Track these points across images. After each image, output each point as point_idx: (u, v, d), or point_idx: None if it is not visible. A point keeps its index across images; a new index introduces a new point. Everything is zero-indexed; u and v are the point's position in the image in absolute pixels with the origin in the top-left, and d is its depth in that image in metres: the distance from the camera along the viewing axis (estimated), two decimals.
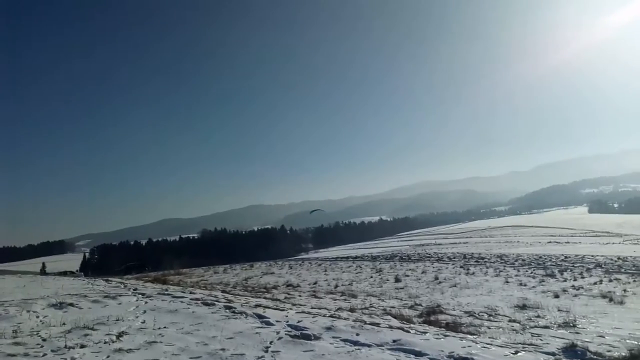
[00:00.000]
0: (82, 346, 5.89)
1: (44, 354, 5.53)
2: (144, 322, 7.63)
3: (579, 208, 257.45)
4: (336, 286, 19.25)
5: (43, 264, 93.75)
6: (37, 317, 7.98)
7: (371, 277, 22.83)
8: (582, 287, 16.00)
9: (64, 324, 7.23)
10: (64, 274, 39.92)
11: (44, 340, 6.15)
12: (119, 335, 6.54)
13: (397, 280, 20.41)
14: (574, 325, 9.38)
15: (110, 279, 19.86)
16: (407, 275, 22.34)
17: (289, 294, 15.93)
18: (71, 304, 9.21)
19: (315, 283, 20.62)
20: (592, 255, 30.74)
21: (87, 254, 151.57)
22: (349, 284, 19.92)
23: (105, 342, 6.10)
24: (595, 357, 6.30)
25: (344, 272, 26.67)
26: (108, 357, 5.47)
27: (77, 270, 67.31)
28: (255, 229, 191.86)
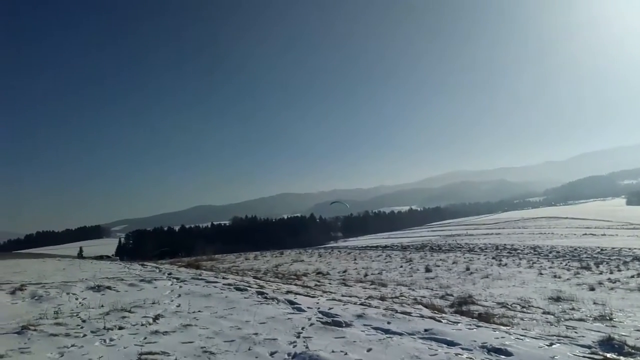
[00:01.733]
0: (120, 328, 6.05)
1: (84, 335, 5.70)
2: (179, 305, 7.79)
3: (617, 200, 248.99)
4: (366, 275, 19.27)
5: (80, 248, 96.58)
6: (77, 299, 8.25)
7: (401, 266, 22.76)
8: (619, 280, 15.63)
9: (102, 306, 7.45)
10: (101, 258, 41.04)
11: (84, 321, 6.35)
12: (155, 318, 6.70)
13: (428, 270, 20.29)
14: (611, 319, 9.15)
15: (145, 263, 20.32)
16: (438, 266, 22.18)
17: (319, 282, 16.03)
18: (109, 287, 9.47)
19: (344, 271, 20.68)
20: (630, 248, 29.95)
21: (122, 239, 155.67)
22: (379, 273, 19.90)
23: (142, 325, 6.26)
24: (633, 351, 6.14)
25: (373, 261, 26.66)
26: (145, 338, 5.61)
27: (112, 255, 69.15)
28: (285, 217, 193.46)
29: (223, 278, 12.69)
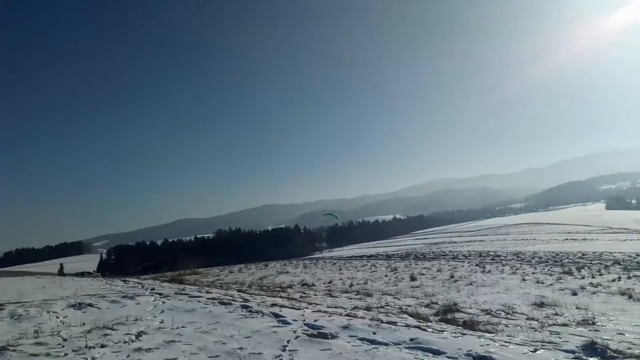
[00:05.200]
0: (102, 346, 5.95)
1: (65, 354, 5.59)
2: (162, 321, 7.70)
3: (596, 204, 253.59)
4: (351, 285, 19.22)
5: (61, 265, 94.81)
6: (57, 317, 8.09)
7: (386, 275, 22.75)
8: (601, 285, 15.81)
9: (83, 324, 7.33)
10: (82, 274, 40.36)
11: (65, 340, 6.23)
12: (138, 334, 6.61)
13: (413, 278, 20.31)
14: (593, 323, 9.26)
15: (127, 279, 20.07)
16: (423, 274, 22.22)
17: (304, 293, 15.95)
18: (90, 304, 9.32)
19: (330, 282, 20.61)
20: (610, 252, 30.37)
21: (104, 255, 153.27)
22: (364, 283, 19.87)
23: (124, 342, 6.17)
24: (615, 354, 6.22)
25: (358, 271, 26.62)
26: (128, 356, 5.53)
27: (94, 271, 67.96)
28: (270, 229, 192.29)
29: (207, 292, 12.58)
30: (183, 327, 7.25)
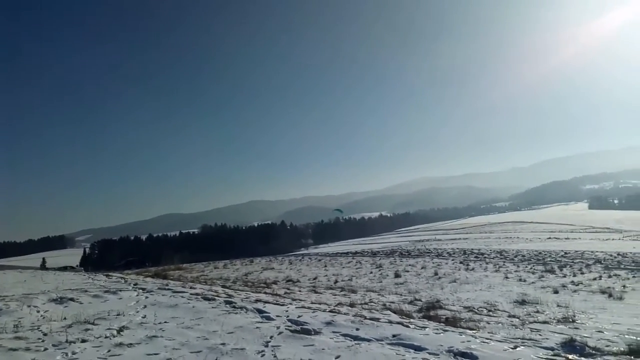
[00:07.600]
0: (83, 341, 5.88)
1: (45, 349, 5.52)
2: (144, 316, 7.63)
3: (579, 204, 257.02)
4: (336, 281, 19.25)
5: (43, 259, 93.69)
6: (38, 311, 7.97)
7: (371, 272, 22.85)
8: (582, 283, 16.07)
9: (64, 318, 7.23)
10: (64, 269, 39.94)
11: (45, 334, 6.14)
12: (120, 329, 6.54)
13: (397, 275, 20.43)
14: (573, 321, 9.40)
15: (110, 274, 19.84)
16: (407, 271, 22.36)
17: (289, 289, 15.94)
18: (72, 299, 9.20)
19: (315, 278, 20.63)
20: (592, 251, 30.85)
21: (87, 249, 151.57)
22: (349, 280, 19.92)
23: (106, 337, 6.10)
24: (593, 352, 6.32)
25: (343, 267, 26.69)
26: (109, 351, 5.47)
27: (77, 266, 67.30)
28: (256, 225, 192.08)
29: (191, 288, 12.50)
30: (165, 322, 7.20)
